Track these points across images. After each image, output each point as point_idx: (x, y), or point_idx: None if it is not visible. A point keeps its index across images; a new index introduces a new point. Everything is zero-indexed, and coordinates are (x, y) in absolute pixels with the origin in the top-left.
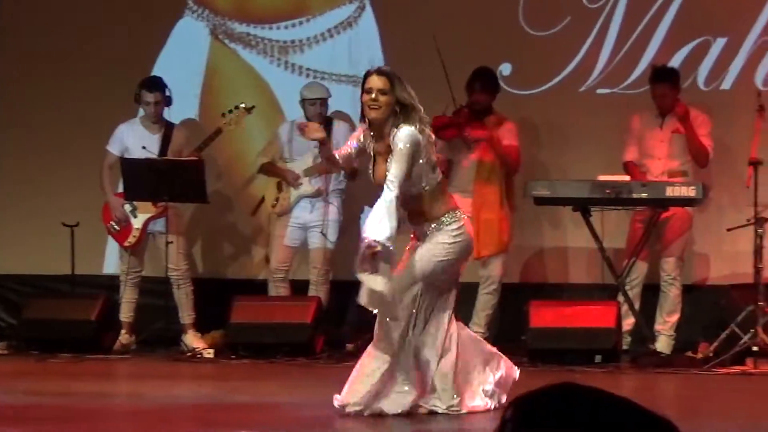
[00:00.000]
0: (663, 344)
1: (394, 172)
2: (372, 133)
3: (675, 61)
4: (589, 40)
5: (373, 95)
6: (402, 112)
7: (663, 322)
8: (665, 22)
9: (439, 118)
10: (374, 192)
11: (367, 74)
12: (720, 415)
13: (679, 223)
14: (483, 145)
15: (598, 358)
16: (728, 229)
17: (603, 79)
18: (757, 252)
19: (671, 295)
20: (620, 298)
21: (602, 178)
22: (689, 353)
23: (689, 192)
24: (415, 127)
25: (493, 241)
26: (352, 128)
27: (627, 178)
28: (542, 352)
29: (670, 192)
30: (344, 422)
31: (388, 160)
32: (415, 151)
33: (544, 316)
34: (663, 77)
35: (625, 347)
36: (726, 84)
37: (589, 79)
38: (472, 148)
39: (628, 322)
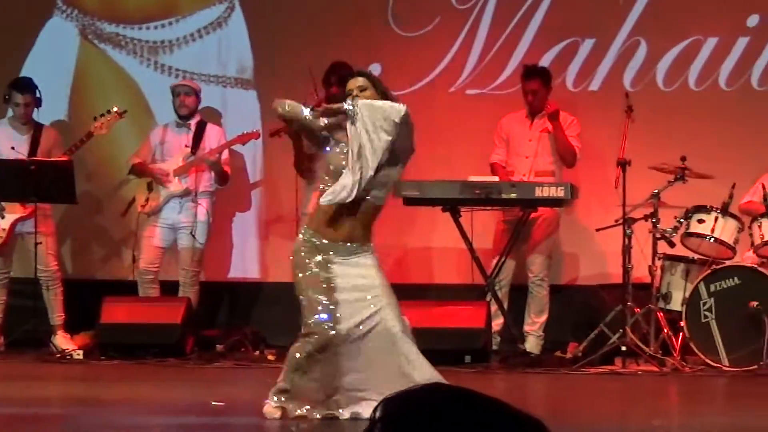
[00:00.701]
0: (532, 344)
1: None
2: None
3: (544, 62)
4: (458, 41)
5: (355, 94)
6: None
7: (532, 322)
8: (534, 24)
9: None
10: (245, 196)
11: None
12: (589, 414)
13: (546, 224)
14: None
15: (467, 359)
16: (597, 230)
17: (472, 79)
18: (626, 252)
19: (539, 295)
20: (489, 298)
21: (472, 178)
22: (558, 353)
23: (558, 192)
24: None
25: None
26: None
27: (496, 178)
28: None
29: (539, 192)
30: (213, 422)
31: None
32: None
33: (412, 316)
34: (534, 74)
35: (494, 347)
36: (594, 85)
37: (459, 80)
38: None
39: (497, 323)
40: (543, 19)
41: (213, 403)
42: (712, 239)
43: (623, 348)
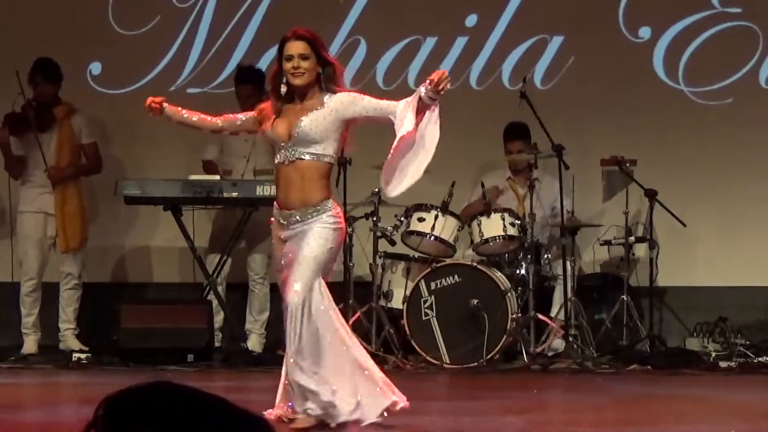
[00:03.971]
0: (254, 342)
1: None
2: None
3: (264, 61)
4: (179, 40)
5: (295, 63)
6: (325, 72)
7: (253, 320)
8: (254, 23)
9: (9, 115)
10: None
11: (284, 40)
12: None
13: (267, 222)
14: (60, 140)
15: (190, 357)
16: None
17: (193, 78)
18: (347, 250)
19: (260, 293)
20: (211, 296)
21: (193, 177)
22: (281, 351)
23: None
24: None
25: (78, 234)
26: None
27: (217, 177)
28: (134, 351)
29: (260, 191)
30: None
31: (311, 115)
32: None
33: (135, 315)
34: (247, 78)
35: (217, 344)
36: None
37: (180, 78)
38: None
39: (219, 320)
40: (263, 19)
41: None
42: (432, 237)
43: None
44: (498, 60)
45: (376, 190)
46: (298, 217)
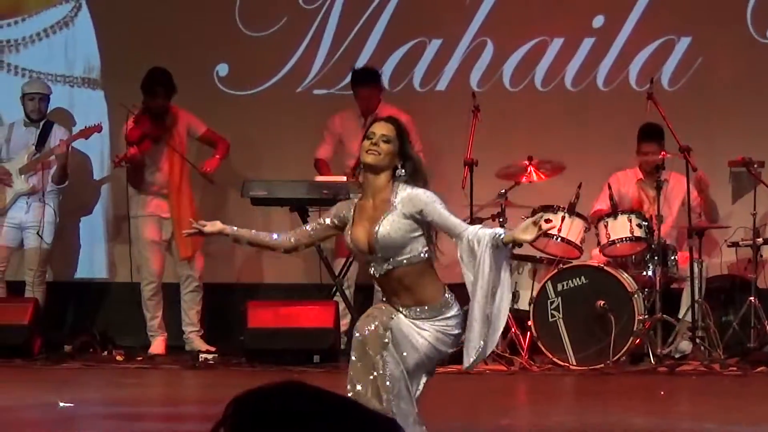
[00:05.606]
0: None
1: (453, 218)
2: (359, 195)
3: (391, 63)
4: (305, 41)
5: (375, 140)
6: (406, 168)
7: None
8: (381, 24)
9: (132, 131)
10: (92, 195)
11: (372, 122)
12: (437, 413)
13: None
14: (172, 146)
15: (316, 358)
16: None
17: (320, 79)
18: None
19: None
20: (338, 297)
21: (319, 178)
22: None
23: None
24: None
25: (194, 240)
26: (69, 129)
27: (344, 178)
28: (260, 352)
29: None
30: (65, 423)
31: (387, 219)
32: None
33: (262, 316)
34: (363, 80)
35: (342, 347)
36: (441, 85)
37: (306, 80)
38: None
39: (345, 322)
40: (390, 19)
41: (61, 404)
42: (559, 239)
43: None
44: (625, 61)
45: (503, 191)
46: (415, 313)
